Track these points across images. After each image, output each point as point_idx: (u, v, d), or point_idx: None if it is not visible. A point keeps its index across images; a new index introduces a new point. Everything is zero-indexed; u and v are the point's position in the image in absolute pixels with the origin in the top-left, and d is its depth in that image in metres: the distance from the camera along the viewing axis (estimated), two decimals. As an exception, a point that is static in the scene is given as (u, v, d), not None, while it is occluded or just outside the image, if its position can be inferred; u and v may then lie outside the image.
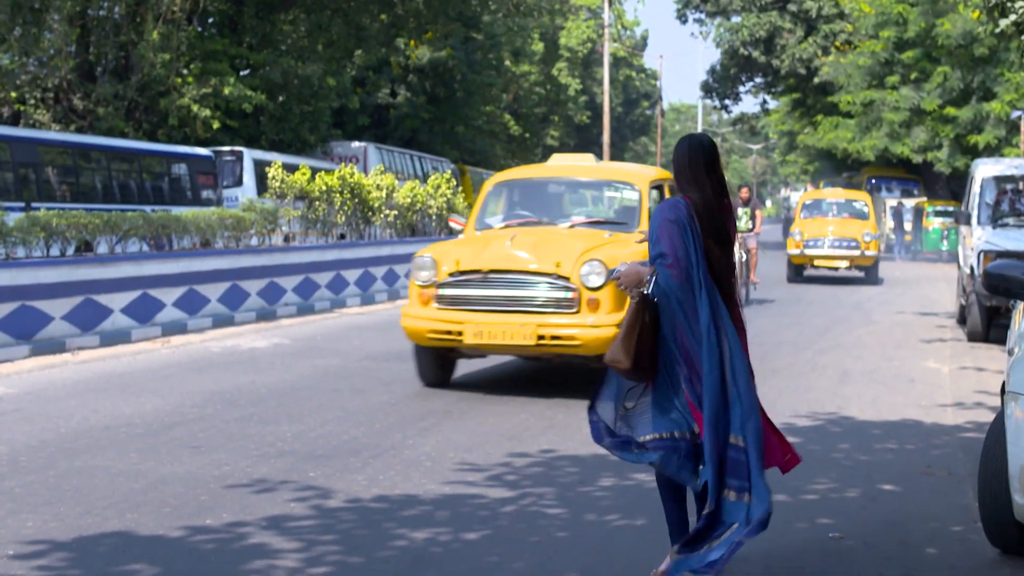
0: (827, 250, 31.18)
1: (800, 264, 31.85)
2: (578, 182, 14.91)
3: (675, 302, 6.26)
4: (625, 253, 11.92)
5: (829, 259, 31.29)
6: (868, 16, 45.39)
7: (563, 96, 74.98)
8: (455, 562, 6.85)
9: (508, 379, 13.87)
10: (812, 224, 32.31)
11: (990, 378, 13.92)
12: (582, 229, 13.21)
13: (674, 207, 6.32)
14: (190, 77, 35.08)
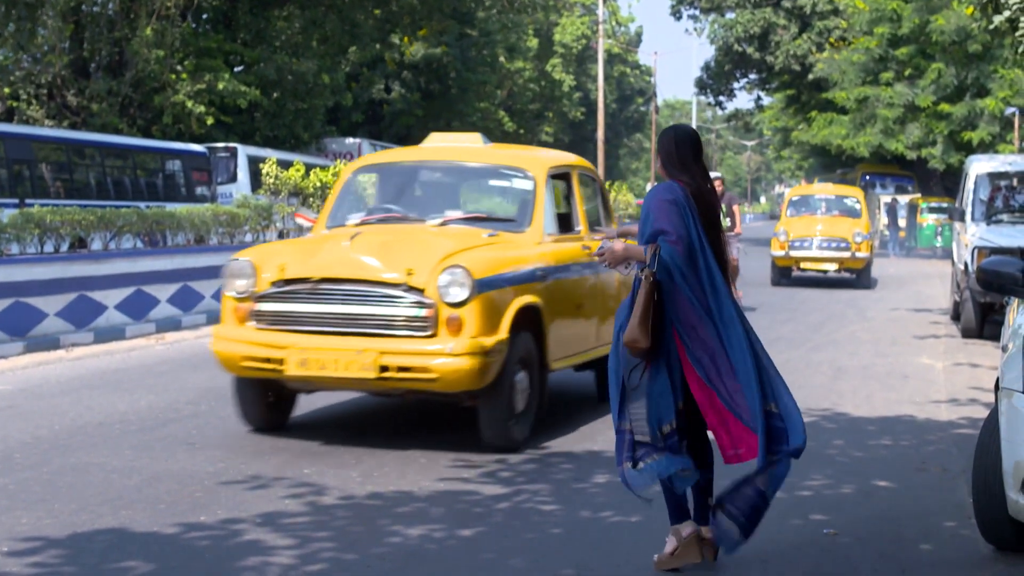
0: (815, 251, 28.32)
1: (785, 267, 28.83)
2: (459, 168, 11.78)
3: (679, 277, 6.39)
4: (507, 257, 9.87)
5: (816, 261, 28.43)
6: (862, 12, 45.41)
7: (557, 92, 74.92)
8: (450, 559, 6.85)
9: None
10: (799, 223, 29.33)
11: (984, 374, 13.94)
12: (456, 228, 10.54)
13: (670, 189, 6.52)
14: (184, 73, 35.04)
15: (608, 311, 10.96)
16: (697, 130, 6.98)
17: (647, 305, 6.34)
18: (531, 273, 9.97)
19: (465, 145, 11.87)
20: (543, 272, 10.13)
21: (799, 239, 28.44)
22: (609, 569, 6.76)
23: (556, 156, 12.18)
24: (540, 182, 10.92)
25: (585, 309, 11.07)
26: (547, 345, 10.12)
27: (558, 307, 10.36)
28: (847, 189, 33.89)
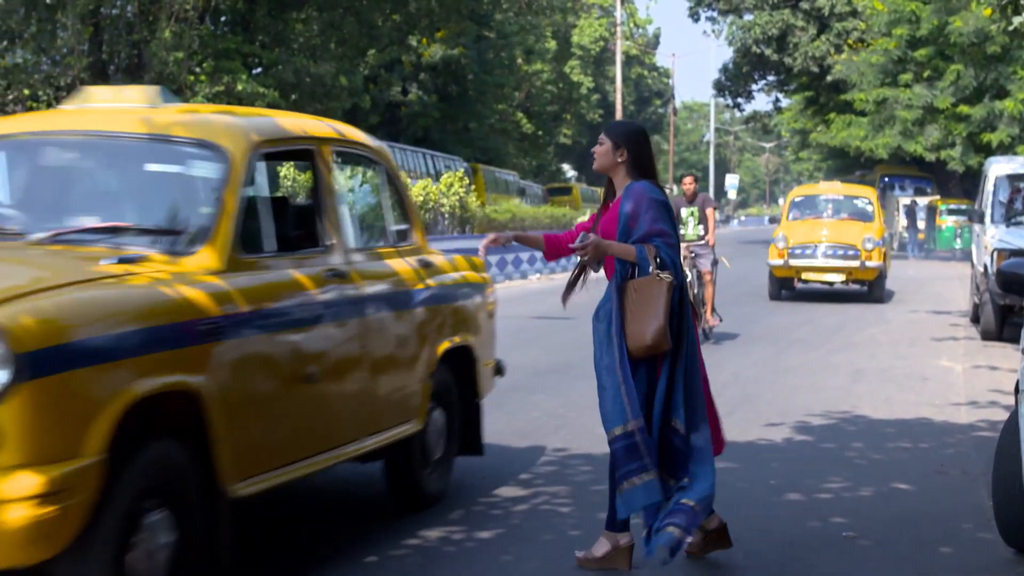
0: (819, 260, 24.71)
1: (785, 278, 25.26)
2: (103, 144, 6.85)
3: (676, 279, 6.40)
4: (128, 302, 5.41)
5: (821, 271, 24.85)
6: (881, 14, 45.30)
7: (575, 94, 75.01)
8: (469, 561, 6.85)
9: (519, 379, 13.84)
10: (801, 227, 25.66)
11: (1004, 377, 13.90)
12: (59, 248, 6.06)
13: (656, 189, 6.52)
14: (203, 75, 35.13)
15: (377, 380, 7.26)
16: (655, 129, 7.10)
17: (668, 307, 6.30)
18: (182, 330, 5.52)
19: (122, 106, 7.05)
20: (213, 326, 5.70)
21: (800, 246, 24.76)
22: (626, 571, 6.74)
23: (277, 122, 7.41)
24: (237, 166, 6.40)
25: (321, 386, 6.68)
26: (220, 456, 5.67)
27: (249, 389, 6.02)
28: (858, 188, 30.02)
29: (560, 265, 37.11)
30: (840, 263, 24.64)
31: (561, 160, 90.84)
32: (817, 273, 24.90)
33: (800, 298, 25.63)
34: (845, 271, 24.72)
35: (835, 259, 24.66)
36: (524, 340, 17.20)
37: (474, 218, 32.06)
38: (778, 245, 24.78)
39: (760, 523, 7.66)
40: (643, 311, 6.30)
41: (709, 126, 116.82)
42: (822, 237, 25.01)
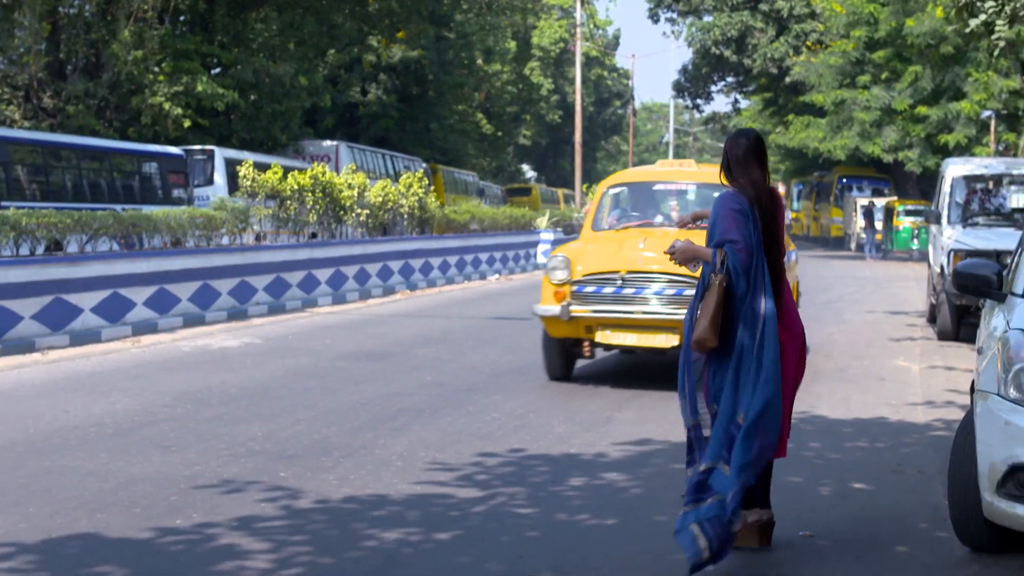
0: (635, 307, 12.83)
1: (565, 340, 13.54)
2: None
3: (736, 283, 6.76)
4: None
5: (637, 328, 12.88)
6: (839, 16, 45.53)
7: (535, 95, 75.09)
8: (426, 562, 6.84)
9: (478, 380, 13.85)
10: (608, 243, 13.86)
11: (960, 377, 13.98)
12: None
13: (736, 199, 6.87)
14: (161, 75, 34.98)
15: None
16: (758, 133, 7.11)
17: (718, 307, 6.75)
18: None
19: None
20: None
21: (599, 279, 13.10)
22: (586, 572, 6.75)
23: None
24: None
25: None
26: None
27: None
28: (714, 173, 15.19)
29: (519, 265, 37.16)
30: (669, 313, 12.60)
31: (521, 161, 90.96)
32: (630, 332, 12.92)
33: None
34: (677, 328, 12.10)
35: (667, 304, 12.71)
36: (483, 341, 17.22)
37: (433, 219, 32.02)
38: (554, 277, 13.28)
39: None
40: (702, 311, 6.79)
41: (668, 127, 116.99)
42: (641, 262, 12.99)
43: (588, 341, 13.29)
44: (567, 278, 13.13)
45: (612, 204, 15.10)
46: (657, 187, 15.21)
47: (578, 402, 12.32)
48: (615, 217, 14.82)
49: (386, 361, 15.13)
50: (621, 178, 15.98)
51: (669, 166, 15.84)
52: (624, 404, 12.16)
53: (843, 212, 55.69)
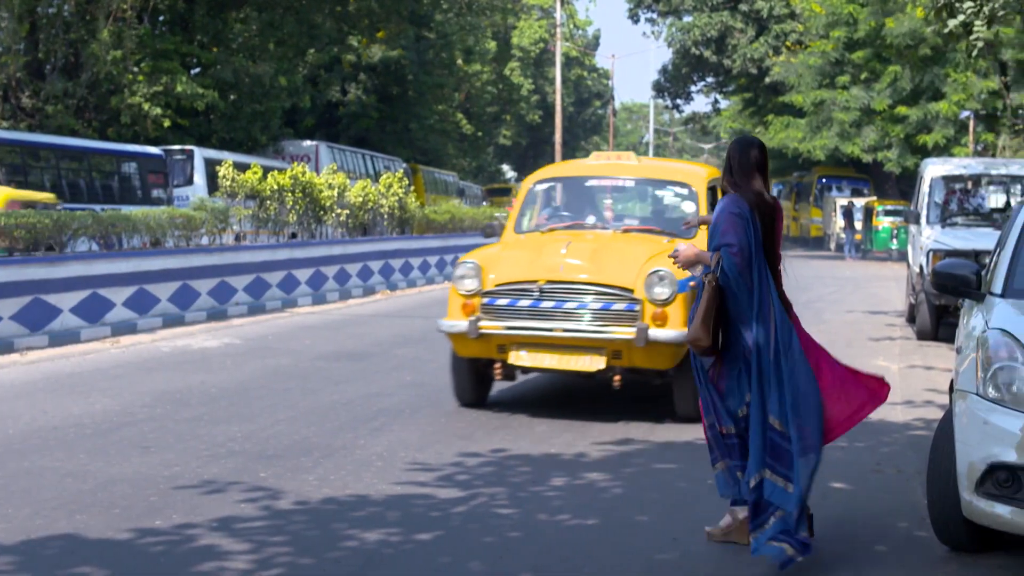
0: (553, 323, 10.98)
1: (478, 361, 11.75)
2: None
3: (735, 286, 6.89)
4: None
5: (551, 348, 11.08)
6: (819, 16, 45.59)
7: (515, 95, 75.04)
8: (407, 563, 6.84)
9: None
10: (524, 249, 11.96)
11: (939, 376, 14.01)
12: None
13: (737, 202, 6.97)
14: (140, 75, 34.87)
15: None
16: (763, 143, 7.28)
17: (709, 307, 6.91)
18: None
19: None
20: None
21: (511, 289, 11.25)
22: (568, 572, 6.76)
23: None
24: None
25: None
26: None
27: None
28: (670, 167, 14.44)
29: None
30: (595, 331, 10.92)
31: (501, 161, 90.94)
32: (548, 353, 11.09)
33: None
34: (605, 349, 10.94)
35: (593, 321, 11.00)
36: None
37: (413, 219, 31.96)
38: (462, 287, 11.45)
39: (698, 523, 7.69)
40: (696, 311, 6.98)
41: (648, 127, 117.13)
42: (563, 270, 11.14)
43: (500, 362, 11.32)
44: (477, 288, 11.24)
45: (539, 202, 13.09)
46: (590, 183, 13.19)
47: (556, 404, 12.31)
48: (545, 216, 12.79)
49: (366, 361, 15.12)
50: (550, 172, 13.74)
51: (605, 159, 13.42)
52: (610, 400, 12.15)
53: (823, 212, 55.79)
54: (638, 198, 13.77)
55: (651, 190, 13.36)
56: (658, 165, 14.45)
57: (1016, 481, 6.50)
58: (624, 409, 11.78)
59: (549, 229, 12.42)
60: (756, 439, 6.80)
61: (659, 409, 11.56)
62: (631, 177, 13.06)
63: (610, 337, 10.80)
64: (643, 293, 10.80)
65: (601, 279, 10.92)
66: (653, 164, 14.00)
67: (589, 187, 13.23)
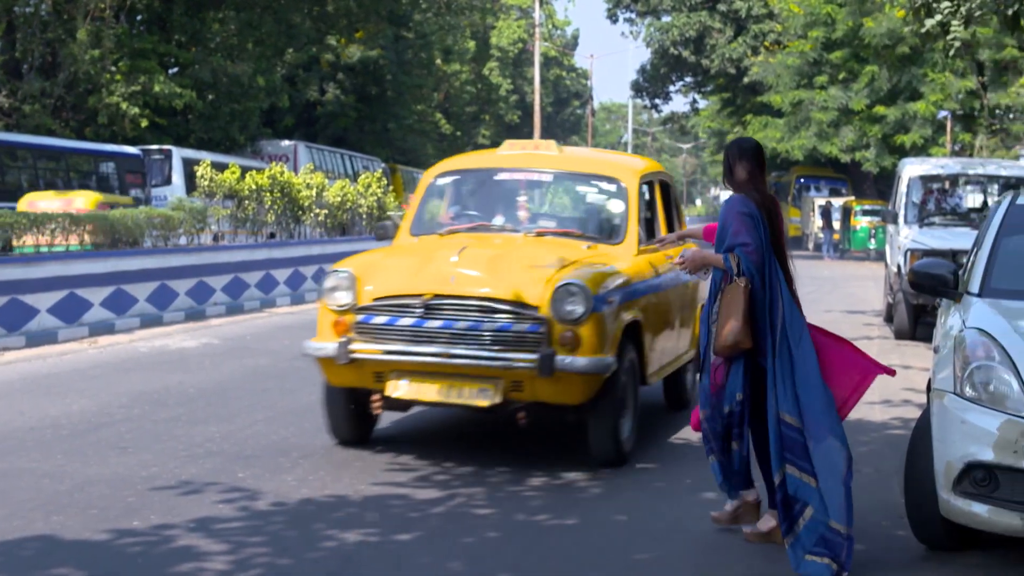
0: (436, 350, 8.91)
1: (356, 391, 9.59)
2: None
3: (756, 284, 7.01)
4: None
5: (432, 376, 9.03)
6: (797, 16, 45.73)
7: (494, 95, 75.08)
8: (386, 563, 6.82)
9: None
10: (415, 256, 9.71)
11: (917, 376, 14.03)
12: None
13: (745, 202, 7.11)
14: (118, 75, 34.79)
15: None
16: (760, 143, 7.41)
17: (747, 309, 6.97)
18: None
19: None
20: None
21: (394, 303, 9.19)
22: (546, 572, 6.76)
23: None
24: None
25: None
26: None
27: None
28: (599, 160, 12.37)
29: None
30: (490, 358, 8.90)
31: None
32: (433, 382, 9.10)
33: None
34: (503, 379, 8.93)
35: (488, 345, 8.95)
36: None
37: (392, 219, 31.98)
38: (332, 301, 9.43)
39: (677, 521, 7.71)
40: (726, 313, 7.01)
41: (627, 127, 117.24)
42: (454, 282, 9.13)
43: (378, 393, 9.31)
44: (351, 302, 9.24)
45: (445, 198, 11.30)
46: (501, 177, 11.13)
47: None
48: (449, 216, 10.97)
49: (345, 361, 15.07)
50: (455, 164, 11.60)
51: (520, 149, 11.30)
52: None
53: (801, 212, 55.95)
54: (557, 195, 11.72)
55: (573, 186, 11.49)
56: (583, 156, 12.34)
57: (993, 480, 6.52)
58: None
59: (449, 231, 10.49)
60: (773, 436, 6.88)
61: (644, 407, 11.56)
62: (549, 170, 11.06)
63: (508, 365, 8.76)
64: (550, 311, 8.78)
65: (499, 293, 8.90)
66: (577, 155, 12.04)
67: (499, 182, 11.16)
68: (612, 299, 9.06)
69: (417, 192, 11.20)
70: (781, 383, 6.90)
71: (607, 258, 9.88)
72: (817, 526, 6.75)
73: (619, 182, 10.77)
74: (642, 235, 10.56)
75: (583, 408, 9.12)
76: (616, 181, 10.82)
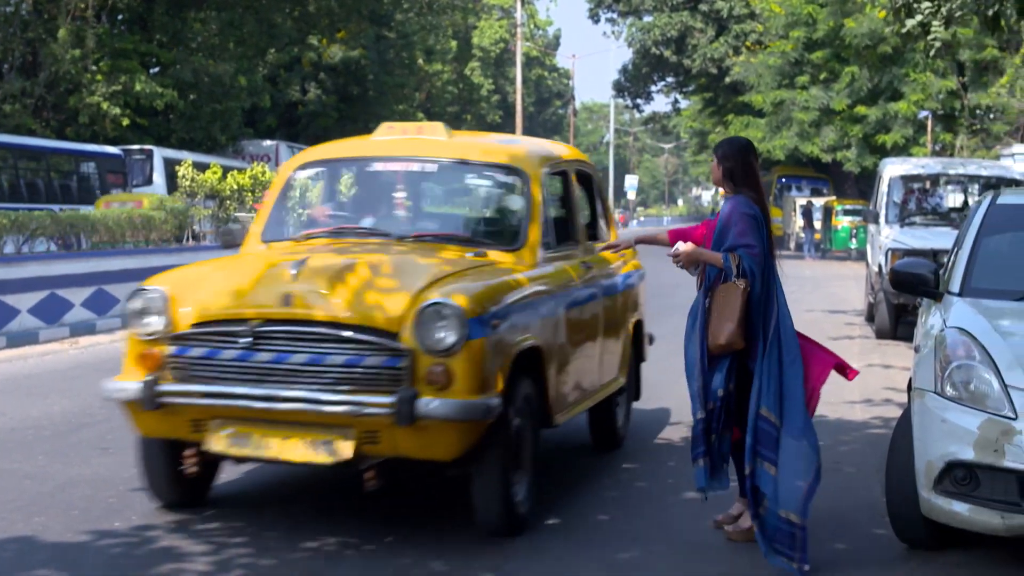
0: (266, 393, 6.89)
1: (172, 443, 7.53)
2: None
3: (755, 286, 7.02)
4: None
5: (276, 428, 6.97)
6: (778, 16, 45.79)
7: (476, 95, 75.03)
8: (369, 563, 6.81)
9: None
10: (246, 268, 7.62)
11: (897, 375, 14.08)
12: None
13: (748, 203, 7.15)
14: (99, 75, 34.70)
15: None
16: None
17: (744, 311, 6.96)
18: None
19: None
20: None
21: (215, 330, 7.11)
22: (528, 572, 6.75)
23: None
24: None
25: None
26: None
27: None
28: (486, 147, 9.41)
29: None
30: (336, 401, 6.82)
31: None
32: (257, 432, 7.04)
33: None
34: (352, 429, 6.86)
35: (333, 385, 6.86)
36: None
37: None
38: (139, 327, 7.28)
39: (658, 521, 7.73)
40: (721, 313, 6.98)
41: (609, 127, 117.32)
42: (290, 302, 7.03)
43: (195, 447, 7.21)
44: (163, 329, 7.17)
45: (301, 195, 9.91)
46: (375, 168, 9.10)
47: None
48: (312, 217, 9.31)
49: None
50: (319, 153, 9.41)
51: (400, 133, 9.19)
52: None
53: (782, 212, 56.00)
54: (444, 189, 9.53)
55: (463, 178, 9.32)
56: (478, 142, 9.72)
57: (974, 479, 6.54)
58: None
59: (305, 236, 8.51)
60: (749, 431, 6.90)
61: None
62: (435, 159, 8.83)
63: (357, 411, 6.74)
64: (414, 339, 6.77)
65: (348, 316, 6.87)
66: (471, 141, 9.73)
67: (374, 174, 9.18)
68: (498, 321, 7.03)
69: (273, 187, 9.08)
70: (767, 382, 6.91)
71: (499, 268, 7.79)
72: (770, 516, 6.83)
73: (521, 173, 8.62)
74: (550, 238, 8.50)
75: (462, 462, 7.09)
76: (517, 171, 8.65)
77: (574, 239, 9.13)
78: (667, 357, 15.13)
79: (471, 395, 6.76)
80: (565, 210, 9.30)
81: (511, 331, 7.20)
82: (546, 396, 7.75)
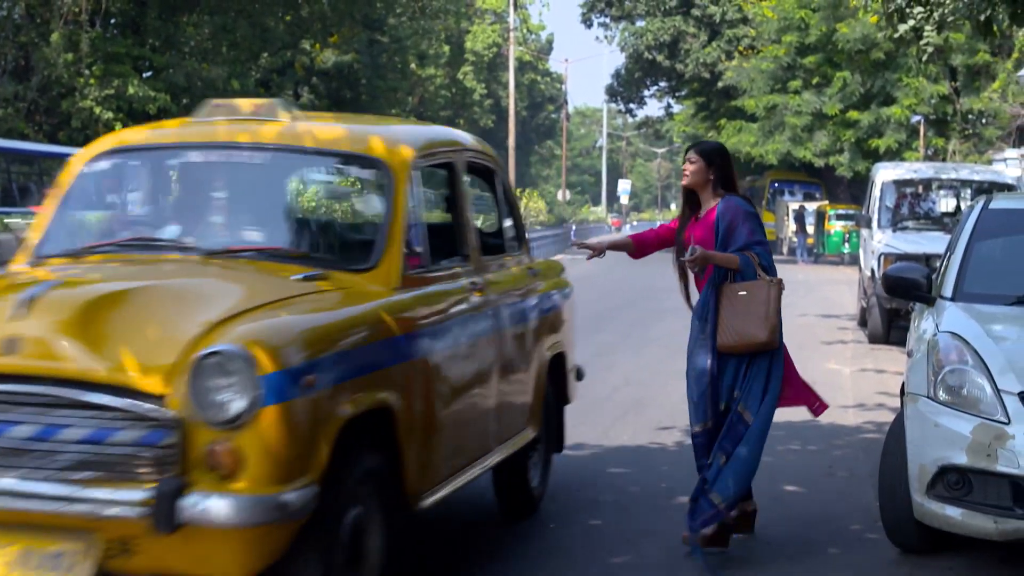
0: None
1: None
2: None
3: None
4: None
5: None
6: (771, 21, 45.85)
7: (468, 100, 75.12)
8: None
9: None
10: None
11: (890, 379, 14.07)
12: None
13: (746, 204, 7.21)
14: (92, 79, 34.66)
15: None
16: None
17: (779, 308, 7.05)
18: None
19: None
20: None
21: None
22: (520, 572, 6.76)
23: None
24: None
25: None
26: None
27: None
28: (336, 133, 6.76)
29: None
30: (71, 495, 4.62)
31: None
32: None
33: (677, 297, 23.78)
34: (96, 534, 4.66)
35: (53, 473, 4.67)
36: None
37: (367, 222, 31.91)
38: None
39: (650, 525, 7.72)
40: (754, 311, 6.95)
41: (602, 132, 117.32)
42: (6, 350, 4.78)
43: None
44: None
45: (94, 195, 7.16)
46: (190, 158, 6.77)
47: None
48: (105, 225, 7.01)
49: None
50: (119, 139, 7.11)
51: (227, 115, 6.64)
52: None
53: (775, 216, 55.98)
54: (277, 188, 6.89)
55: (304, 172, 7.77)
56: (325, 127, 6.94)
57: (966, 483, 6.54)
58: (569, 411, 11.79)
59: (86, 249, 6.27)
60: (725, 426, 6.99)
61: (612, 414, 11.56)
62: (268, 146, 6.42)
63: (96, 511, 4.62)
64: (186, 405, 4.67)
65: (90, 370, 4.73)
66: (317, 125, 6.84)
67: (186, 167, 6.92)
68: (314, 377, 4.92)
69: (57, 185, 6.69)
70: (756, 383, 7.00)
71: (334, 295, 5.66)
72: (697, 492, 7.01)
73: (380, 165, 6.34)
74: (423, 252, 6.25)
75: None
76: (375, 163, 6.40)
77: (461, 253, 6.81)
78: (661, 360, 15.19)
79: (268, 486, 4.65)
80: (451, 215, 7.06)
81: (339, 389, 5.10)
82: (403, 472, 5.65)
